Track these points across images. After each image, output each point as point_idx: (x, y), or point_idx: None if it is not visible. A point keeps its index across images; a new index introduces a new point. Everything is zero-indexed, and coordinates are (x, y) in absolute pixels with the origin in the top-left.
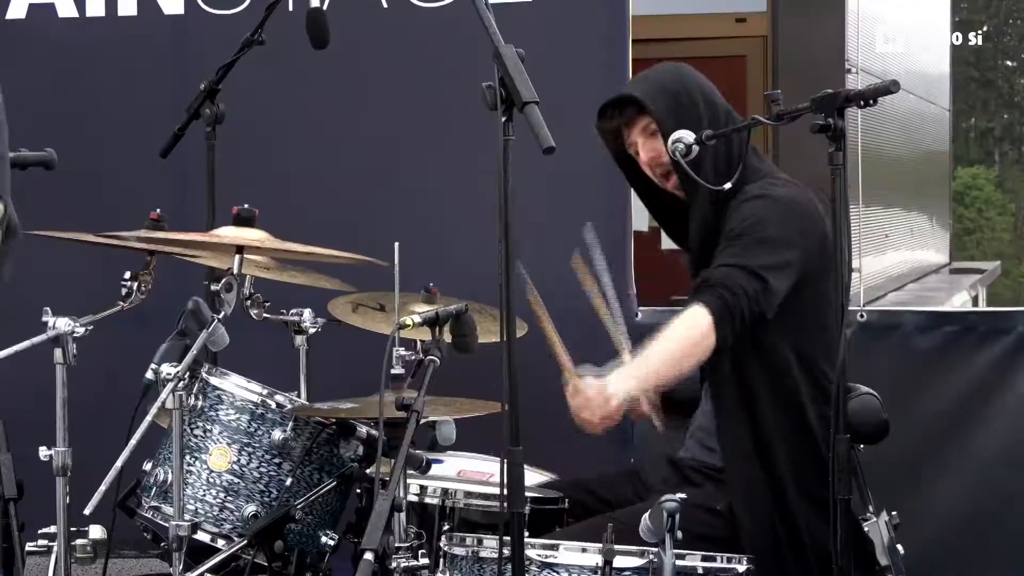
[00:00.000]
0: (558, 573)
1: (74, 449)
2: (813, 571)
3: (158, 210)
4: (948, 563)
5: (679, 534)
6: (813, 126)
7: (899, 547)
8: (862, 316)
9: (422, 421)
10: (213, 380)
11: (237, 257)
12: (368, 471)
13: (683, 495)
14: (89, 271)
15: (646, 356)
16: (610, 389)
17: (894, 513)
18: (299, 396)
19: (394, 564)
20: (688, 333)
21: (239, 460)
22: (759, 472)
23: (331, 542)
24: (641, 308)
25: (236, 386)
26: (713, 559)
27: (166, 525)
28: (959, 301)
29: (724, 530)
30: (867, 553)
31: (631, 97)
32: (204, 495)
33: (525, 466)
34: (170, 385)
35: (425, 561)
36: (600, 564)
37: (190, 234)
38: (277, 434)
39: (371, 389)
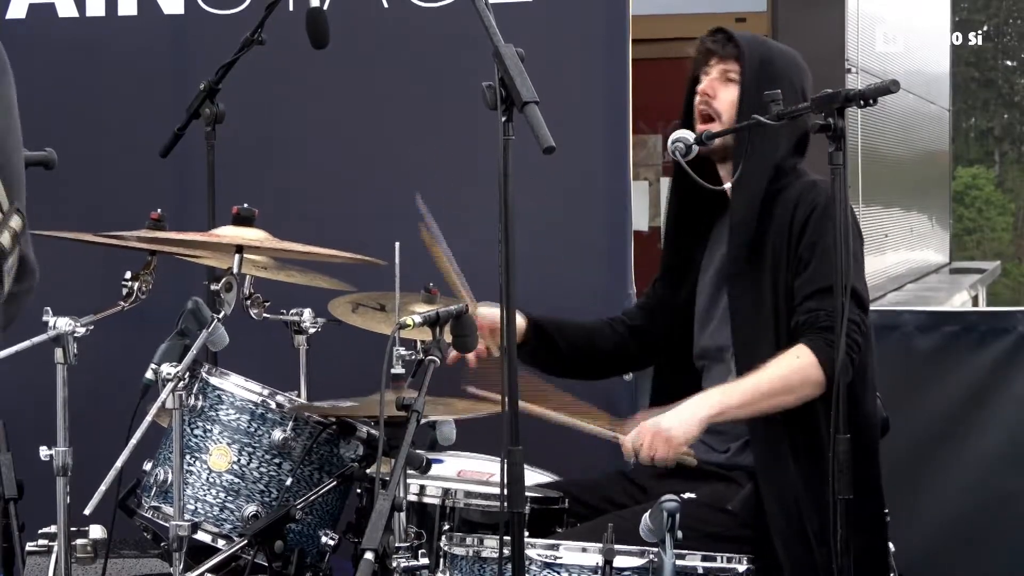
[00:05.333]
0: (558, 573)
1: (74, 449)
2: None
3: (158, 210)
4: (947, 563)
5: (680, 534)
6: (813, 126)
7: (889, 544)
8: None
9: (422, 421)
10: (213, 380)
11: (237, 257)
12: (368, 471)
13: (692, 494)
14: (89, 271)
15: (739, 383)
16: (664, 424)
17: (886, 511)
18: (299, 396)
19: (394, 564)
20: (798, 371)
21: (239, 460)
22: (801, 473)
23: (331, 542)
24: None
25: (236, 386)
26: (713, 559)
27: (166, 525)
28: (959, 301)
29: (736, 529)
30: (886, 560)
31: (740, 51)
32: (204, 495)
33: (525, 466)
34: (170, 385)
35: (425, 561)
36: (600, 564)
37: (190, 234)
38: (277, 434)
39: (371, 389)
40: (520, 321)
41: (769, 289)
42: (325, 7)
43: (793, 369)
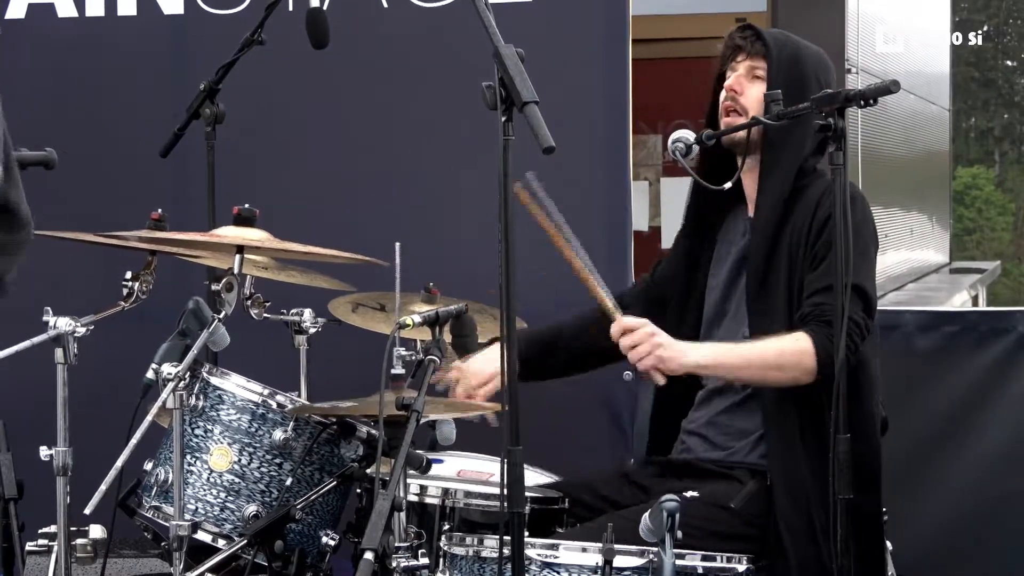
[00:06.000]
0: (558, 573)
1: (74, 449)
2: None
3: (159, 210)
4: (947, 562)
5: (679, 534)
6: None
7: (888, 544)
8: None
9: (422, 421)
10: (214, 380)
11: (238, 257)
12: (368, 471)
13: (695, 492)
14: (89, 271)
15: (737, 345)
16: (662, 340)
17: (884, 509)
18: (299, 396)
19: (394, 564)
20: (793, 353)
21: (240, 460)
22: (811, 468)
23: (331, 542)
24: None
25: (237, 386)
26: (713, 559)
27: (166, 525)
28: (959, 301)
29: (739, 527)
30: (883, 557)
31: (768, 48)
32: (205, 495)
33: (525, 466)
34: (171, 385)
35: (425, 561)
36: (600, 564)
37: (191, 234)
38: (278, 434)
39: (371, 389)
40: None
41: (784, 286)
42: (325, 7)
43: (791, 350)
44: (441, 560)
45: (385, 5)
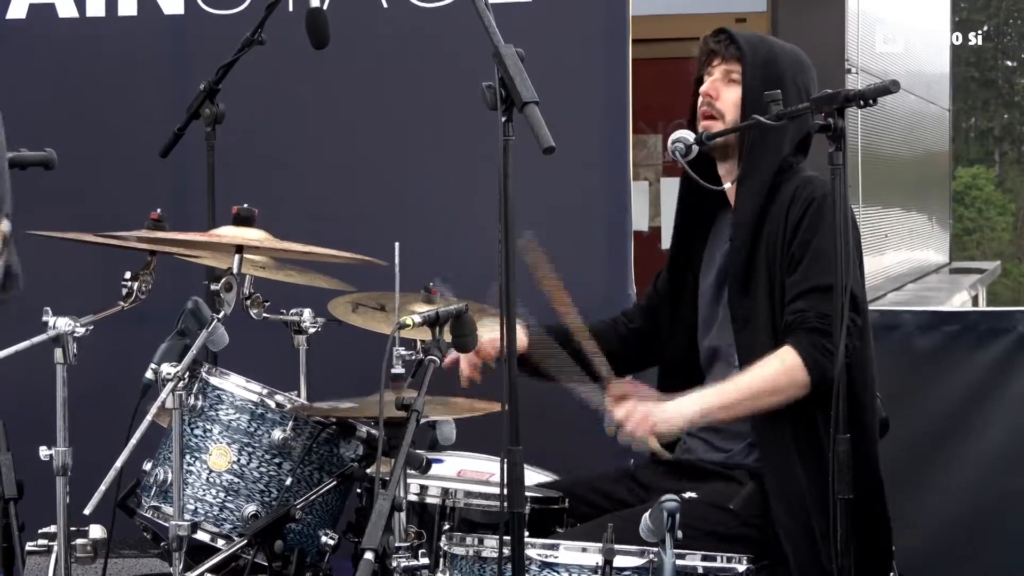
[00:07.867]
0: (558, 573)
1: (74, 449)
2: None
3: (158, 210)
4: (947, 563)
5: (680, 533)
6: (813, 126)
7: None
8: None
9: (422, 421)
10: (213, 380)
11: (237, 257)
12: (368, 471)
13: (693, 493)
14: (89, 271)
15: (726, 385)
16: (655, 413)
17: (886, 510)
18: (299, 396)
19: (394, 564)
20: (782, 373)
21: (239, 460)
22: (806, 472)
23: (331, 542)
24: None
25: (236, 386)
26: (713, 559)
27: (166, 525)
28: (959, 301)
29: (737, 528)
30: (888, 557)
31: (742, 52)
32: (204, 495)
33: (526, 465)
34: (170, 385)
35: (425, 561)
36: (600, 564)
37: (190, 234)
38: (277, 434)
39: (371, 389)
40: (520, 335)
41: (765, 288)
42: (325, 7)
43: (779, 372)
44: (441, 560)
45: (385, 5)
